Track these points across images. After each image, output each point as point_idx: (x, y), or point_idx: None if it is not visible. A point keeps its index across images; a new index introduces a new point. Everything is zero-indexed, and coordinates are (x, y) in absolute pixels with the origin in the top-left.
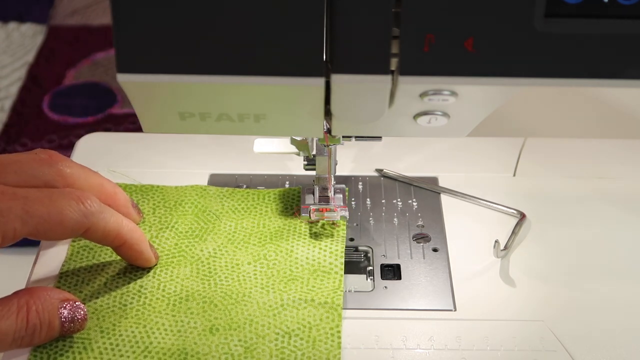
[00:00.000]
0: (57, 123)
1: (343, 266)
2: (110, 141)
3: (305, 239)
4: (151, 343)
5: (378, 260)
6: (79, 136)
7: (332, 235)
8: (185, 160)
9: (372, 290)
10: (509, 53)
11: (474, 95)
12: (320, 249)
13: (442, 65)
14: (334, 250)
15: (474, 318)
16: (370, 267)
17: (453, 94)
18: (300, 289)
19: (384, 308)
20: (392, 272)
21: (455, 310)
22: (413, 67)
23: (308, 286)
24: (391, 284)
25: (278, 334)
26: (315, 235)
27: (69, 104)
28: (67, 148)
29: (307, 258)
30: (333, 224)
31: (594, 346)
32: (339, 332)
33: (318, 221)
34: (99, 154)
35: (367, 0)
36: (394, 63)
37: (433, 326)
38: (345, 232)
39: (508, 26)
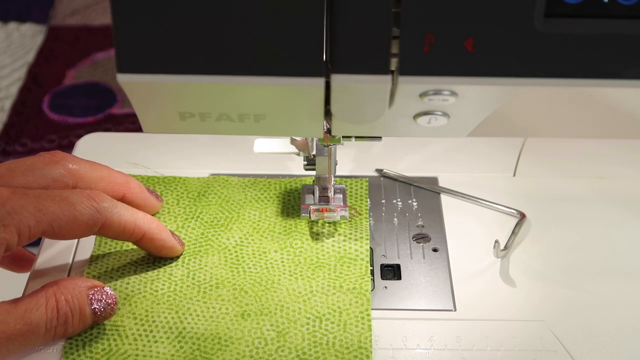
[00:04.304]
0: (57, 123)
1: (369, 253)
2: (110, 141)
3: (329, 227)
4: (184, 328)
5: (378, 260)
6: (79, 136)
7: (356, 223)
8: (185, 160)
9: (372, 290)
10: (509, 53)
11: (474, 95)
12: (345, 236)
13: (442, 65)
14: (358, 238)
15: (474, 318)
16: (371, 267)
17: (453, 94)
18: (328, 276)
19: (384, 308)
20: (392, 272)
21: (455, 310)
22: (413, 67)
23: (335, 273)
24: (391, 284)
25: (309, 318)
26: (339, 224)
27: (69, 104)
28: (67, 148)
29: (332, 246)
30: (356, 212)
31: (594, 346)
32: (369, 315)
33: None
34: (99, 154)
35: (367, 0)
36: (394, 63)
37: (433, 326)
38: (368, 220)
39: (508, 26)
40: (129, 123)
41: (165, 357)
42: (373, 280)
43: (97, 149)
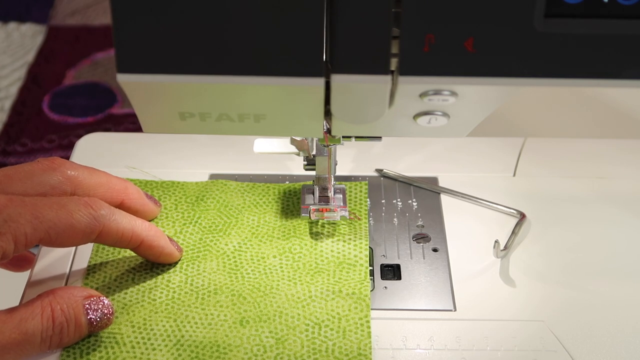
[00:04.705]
0: (57, 123)
1: (368, 258)
2: (110, 141)
3: (328, 230)
4: (182, 336)
5: (378, 260)
6: (79, 136)
7: (355, 228)
8: (185, 160)
9: (372, 291)
10: (509, 53)
11: (474, 95)
12: (344, 242)
13: (442, 65)
14: (358, 243)
15: (474, 318)
16: (370, 267)
17: (453, 94)
18: (327, 281)
19: (384, 308)
20: (392, 272)
21: (455, 310)
22: (413, 67)
23: (335, 278)
24: (391, 284)
25: (308, 325)
26: (338, 228)
27: (69, 104)
28: (67, 148)
29: (331, 251)
30: (355, 217)
31: (594, 346)
32: (368, 321)
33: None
34: (99, 154)
35: (367, 0)
36: (394, 63)
37: (433, 326)
38: (367, 225)
39: (508, 26)
40: (129, 123)
41: None
42: (373, 280)
43: (96, 149)
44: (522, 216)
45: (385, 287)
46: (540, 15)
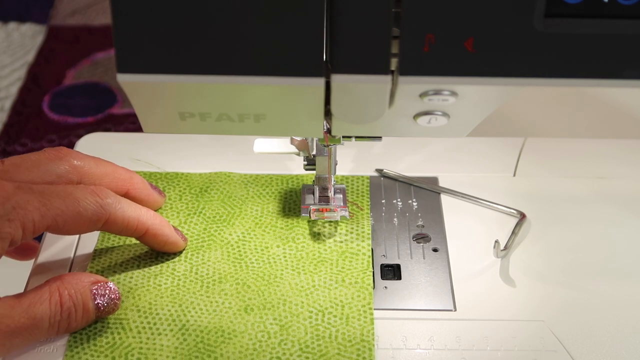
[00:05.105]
0: (57, 123)
1: (370, 247)
2: (110, 141)
3: (331, 222)
4: (188, 321)
5: (378, 260)
6: (79, 136)
7: (358, 219)
8: (185, 160)
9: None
10: (509, 53)
11: (474, 95)
12: (347, 231)
13: (442, 65)
14: (360, 233)
15: (474, 318)
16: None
17: (453, 94)
18: (330, 271)
19: (384, 308)
20: (392, 272)
21: (455, 310)
22: (413, 67)
23: (337, 267)
24: (391, 284)
25: (312, 312)
26: (341, 219)
27: (69, 104)
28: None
29: (334, 241)
30: (358, 207)
31: (594, 346)
32: (371, 309)
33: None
34: (99, 154)
35: (367, 0)
36: (394, 63)
37: (433, 326)
38: (370, 215)
39: (508, 26)
40: (129, 123)
41: (169, 349)
42: (373, 280)
43: (97, 149)
44: (522, 216)
45: (385, 287)
46: (540, 15)
